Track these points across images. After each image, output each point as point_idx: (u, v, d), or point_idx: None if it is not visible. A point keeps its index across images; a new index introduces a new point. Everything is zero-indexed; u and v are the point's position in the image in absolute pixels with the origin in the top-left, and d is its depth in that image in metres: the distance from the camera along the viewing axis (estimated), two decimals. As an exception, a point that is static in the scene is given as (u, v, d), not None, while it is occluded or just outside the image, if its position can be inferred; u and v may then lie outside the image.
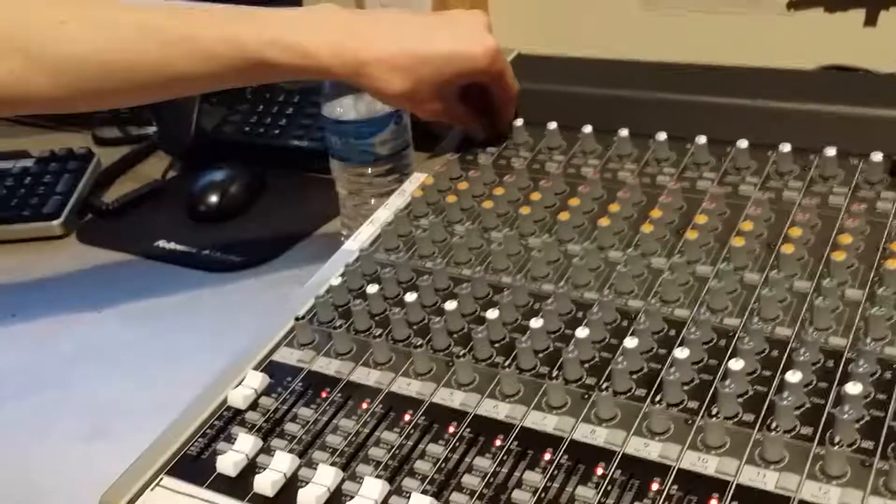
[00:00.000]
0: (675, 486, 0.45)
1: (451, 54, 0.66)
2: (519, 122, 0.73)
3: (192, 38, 0.65)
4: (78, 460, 0.63)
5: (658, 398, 0.49)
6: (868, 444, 0.45)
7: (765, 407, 0.48)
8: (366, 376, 0.55)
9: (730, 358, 0.50)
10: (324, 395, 0.54)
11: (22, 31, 0.64)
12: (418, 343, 0.55)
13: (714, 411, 0.48)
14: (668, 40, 0.88)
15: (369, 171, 0.76)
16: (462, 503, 0.46)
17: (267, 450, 0.52)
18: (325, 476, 0.49)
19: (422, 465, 0.49)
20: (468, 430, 0.50)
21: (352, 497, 0.47)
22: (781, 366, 0.50)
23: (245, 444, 0.52)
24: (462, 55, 0.67)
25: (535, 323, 0.54)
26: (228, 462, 0.51)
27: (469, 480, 0.48)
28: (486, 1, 0.96)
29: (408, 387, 0.54)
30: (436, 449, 0.50)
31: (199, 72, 0.65)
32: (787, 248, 0.56)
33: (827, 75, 0.78)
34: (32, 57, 0.64)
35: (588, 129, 0.70)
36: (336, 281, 0.61)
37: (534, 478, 0.47)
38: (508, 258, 0.61)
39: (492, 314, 0.55)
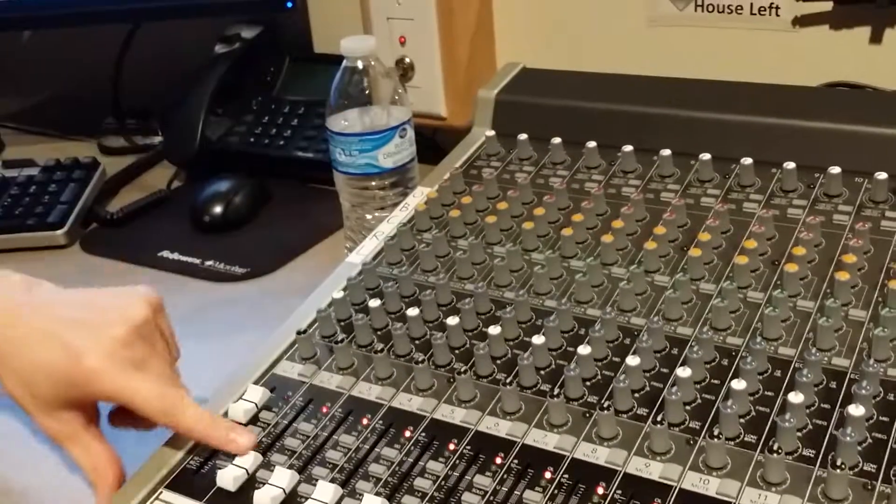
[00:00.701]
0: (676, 508, 0.45)
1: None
2: (523, 136, 0.73)
3: None
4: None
5: (660, 418, 0.49)
6: (870, 468, 0.45)
7: (767, 428, 0.48)
8: (367, 391, 0.55)
9: (732, 377, 0.50)
10: (324, 410, 0.54)
11: None
12: (420, 358, 0.55)
13: (716, 432, 0.47)
14: (673, 56, 0.88)
15: (373, 184, 0.76)
16: (461, 522, 0.46)
17: (267, 465, 0.52)
18: (325, 492, 0.48)
19: (422, 483, 0.49)
20: (469, 447, 0.50)
21: (351, 514, 0.47)
22: (784, 386, 0.50)
23: (245, 458, 0.51)
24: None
25: (538, 339, 0.54)
26: (228, 476, 0.51)
27: (469, 499, 0.47)
28: (492, 17, 0.96)
29: (409, 402, 0.54)
30: (436, 466, 0.49)
31: None
32: (791, 267, 0.56)
33: (832, 93, 0.78)
34: None
35: (592, 144, 0.70)
36: (338, 294, 0.61)
37: (534, 497, 0.47)
38: (511, 273, 0.61)
39: (494, 330, 0.55)
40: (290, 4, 1.00)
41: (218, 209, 0.92)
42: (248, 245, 0.89)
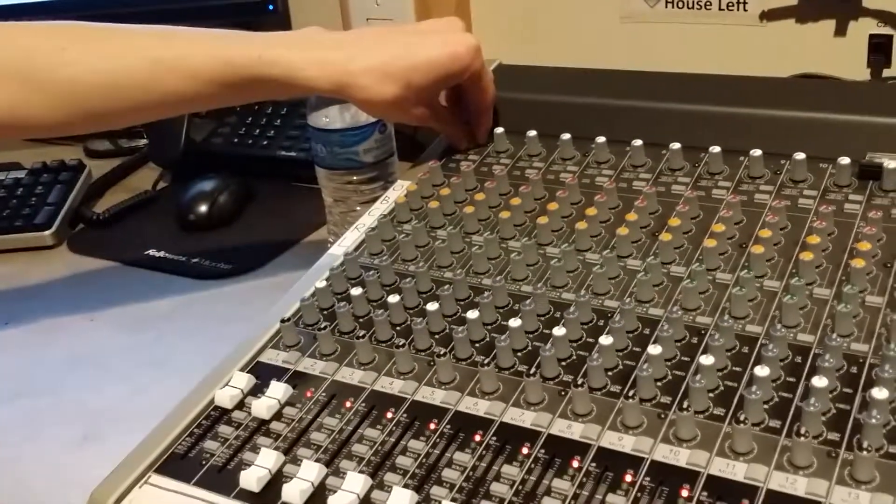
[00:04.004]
0: (648, 478, 0.47)
1: (437, 58, 0.69)
2: (500, 129, 0.75)
3: (181, 56, 0.67)
4: (69, 463, 0.64)
5: (632, 394, 0.51)
6: (834, 436, 0.47)
7: (734, 401, 0.50)
8: (350, 376, 0.57)
9: (701, 354, 0.52)
10: (308, 394, 0.56)
11: (23, 59, 0.66)
12: (401, 343, 0.57)
13: (685, 406, 0.49)
14: (645, 51, 0.90)
15: (354, 178, 0.78)
16: (442, 496, 0.48)
17: (253, 447, 0.53)
18: (310, 472, 0.50)
19: (404, 461, 0.50)
20: (449, 426, 0.52)
21: (334, 491, 0.49)
22: (751, 361, 0.52)
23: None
24: (448, 57, 0.69)
25: (514, 323, 0.56)
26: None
27: (449, 474, 0.49)
28: (469, 13, 0.98)
29: (391, 385, 0.55)
30: (417, 445, 0.51)
31: (189, 90, 0.67)
32: (758, 249, 0.58)
33: (797, 83, 0.80)
34: (31, 81, 0.66)
35: (567, 136, 0.72)
36: (321, 284, 0.63)
37: (512, 471, 0.48)
38: (489, 261, 0.63)
39: (472, 315, 0.57)
40: (271, 7, 1.02)
41: (203, 208, 0.93)
42: (233, 242, 0.90)
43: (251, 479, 0.50)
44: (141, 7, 1.06)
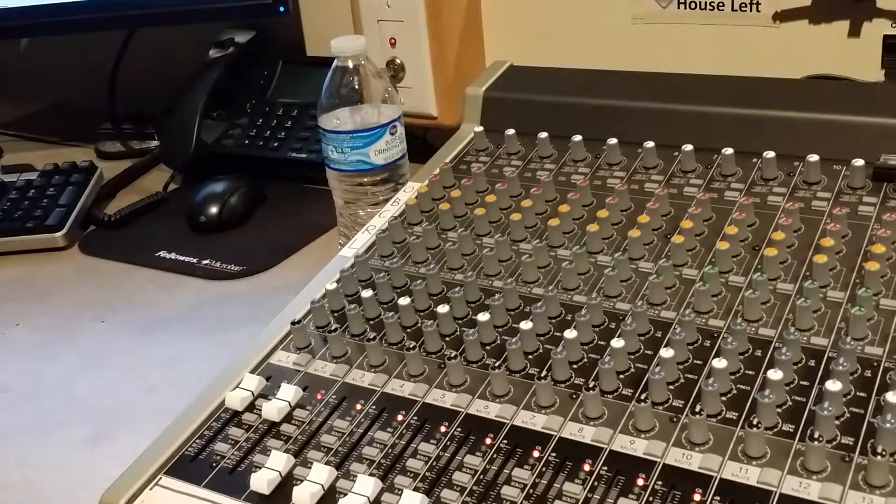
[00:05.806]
0: (660, 482, 0.47)
1: None
2: (511, 131, 0.75)
3: None
4: (79, 464, 0.64)
5: (644, 397, 0.50)
6: (848, 440, 0.47)
7: (748, 405, 0.50)
8: (360, 378, 0.57)
9: (714, 358, 0.52)
10: (319, 396, 0.56)
11: None
12: (411, 346, 0.56)
13: (698, 409, 0.49)
14: (657, 53, 0.90)
15: (365, 180, 0.78)
16: (452, 499, 0.48)
17: (263, 450, 0.53)
18: (320, 475, 0.50)
19: (414, 464, 0.50)
20: (459, 429, 0.52)
21: (345, 494, 0.49)
22: (764, 365, 0.52)
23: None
24: None
25: (525, 325, 0.55)
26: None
27: (460, 478, 0.49)
28: (480, 15, 0.97)
29: (401, 388, 0.55)
30: (428, 448, 0.51)
31: None
32: (771, 252, 0.57)
33: (810, 84, 0.79)
34: None
35: (578, 138, 0.72)
36: (331, 286, 0.63)
37: (523, 475, 0.48)
38: (500, 263, 0.63)
39: (483, 317, 0.57)
40: (282, 9, 1.02)
41: (214, 210, 0.93)
42: (244, 244, 0.90)
43: (261, 481, 0.50)
44: (153, 9, 1.06)
